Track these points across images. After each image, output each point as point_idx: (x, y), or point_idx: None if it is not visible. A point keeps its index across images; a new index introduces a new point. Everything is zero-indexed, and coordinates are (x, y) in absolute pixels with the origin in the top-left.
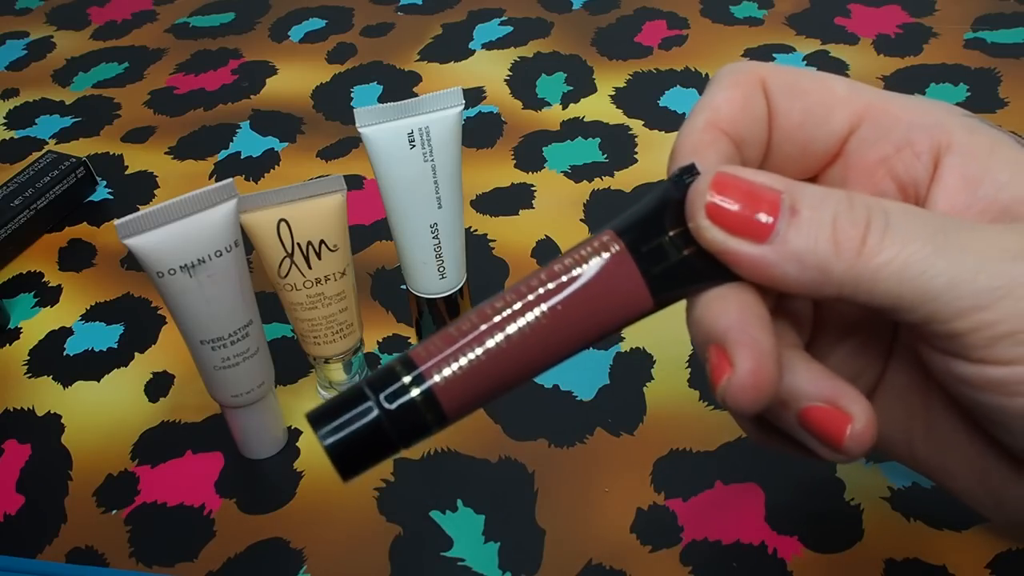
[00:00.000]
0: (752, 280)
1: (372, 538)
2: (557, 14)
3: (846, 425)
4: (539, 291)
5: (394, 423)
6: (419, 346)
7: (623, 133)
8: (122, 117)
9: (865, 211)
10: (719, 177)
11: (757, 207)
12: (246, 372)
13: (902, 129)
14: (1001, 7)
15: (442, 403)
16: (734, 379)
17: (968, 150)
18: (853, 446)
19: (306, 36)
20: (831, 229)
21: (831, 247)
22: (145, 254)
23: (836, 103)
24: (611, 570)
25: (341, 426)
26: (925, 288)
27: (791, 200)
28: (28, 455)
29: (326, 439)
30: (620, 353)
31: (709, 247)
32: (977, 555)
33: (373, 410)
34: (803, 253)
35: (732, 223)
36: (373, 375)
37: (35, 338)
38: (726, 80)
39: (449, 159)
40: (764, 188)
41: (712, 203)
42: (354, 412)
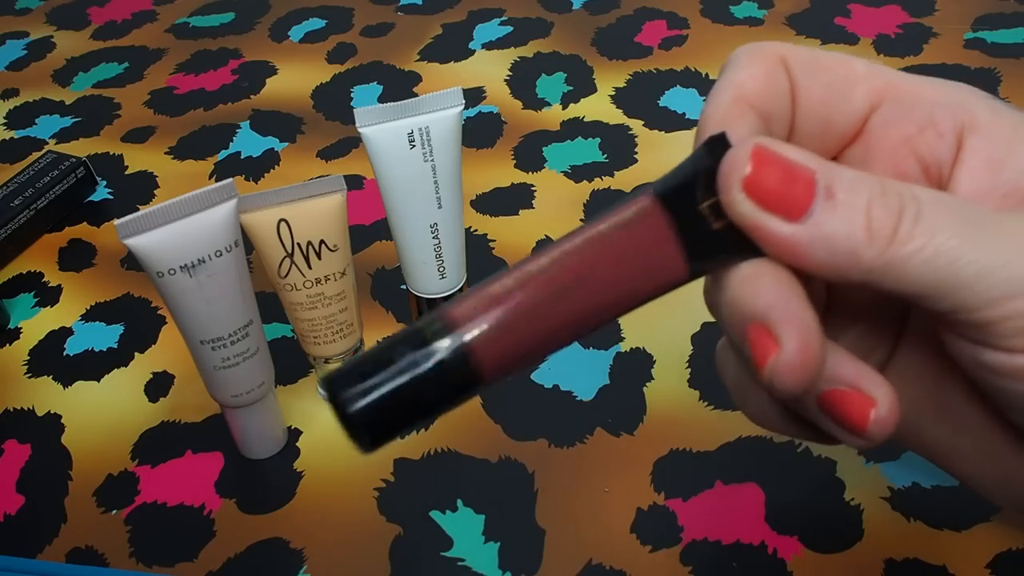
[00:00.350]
0: (778, 258)
1: (372, 538)
2: (557, 14)
3: (870, 409)
4: (577, 253)
5: (430, 385)
6: (453, 304)
7: (623, 133)
8: (122, 117)
9: (898, 198)
10: (759, 149)
11: (794, 185)
12: (246, 372)
13: (925, 108)
14: (1001, 7)
15: (481, 363)
16: (782, 358)
17: (992, 131)
18: (877, 430)
19: (306, 36)
20: (865, 215)
21: (864, 233)
22: (145, 254)
23: (857, 79)
24: (611, 570)
25: (369, 389)
26: (956, 277)
27: (827, 181)
28: (28, 455)
29: (351, 405)
30: (620, 353)
31: (740, 220)
32: (977, 555)
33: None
34: (836, 237)
35: (768, 198)
36: (402, 333)
37: (35, 338)
38: (746, 58)
39: (449, 159)
40: (801, 166)
41: (749, 176)
42: (384, 374)
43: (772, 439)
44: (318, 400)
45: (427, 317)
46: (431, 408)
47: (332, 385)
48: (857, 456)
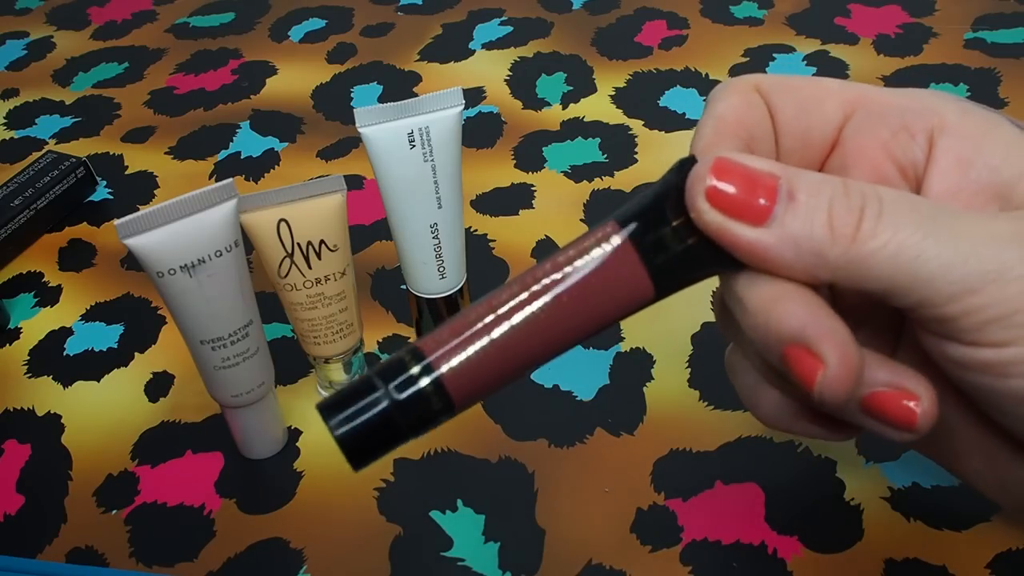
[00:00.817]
0: (750, 264)
1: (372, 538)
2: (557, 14)
3: (915, 405)
4: (544, 282)
5: (404, 413)
6: (427, 336)
7: (623, 133)
8: (122, 117)
9: (860, 197)
10: (718, 162)
11: (755, 191)
12: (246, 372)
13: (896, 114)
14: (1001, 7)
15: (450, 392)
16: (829, 373)
17: (961, 131)
18: (925, 423)
19: (306, 36)
20: (827, 214)
21: (827, 232)
22: (145, 254)
23: (827, 94)
24: (611, 570)
25: (351, 416)
26: (917, 272)
27: (788, 185)
28: (28, 455)
29: (337, 430)
30: (620, 353)
31: (707, 229)
32: (977, 555)
33: (383, 400)
34: (800, 237)
35: (730, 206)
36: (382, 365)
37: (35, 338)
38: (721, 93)
39: (449, 159)
40: (762, 173)
41: (712, 186)
42: (364, 402)
43: (772, 439)
44: (318, 400)
45: (404, 349)
46: (407, 433)
47: (321, 412)
48: (857, 456)
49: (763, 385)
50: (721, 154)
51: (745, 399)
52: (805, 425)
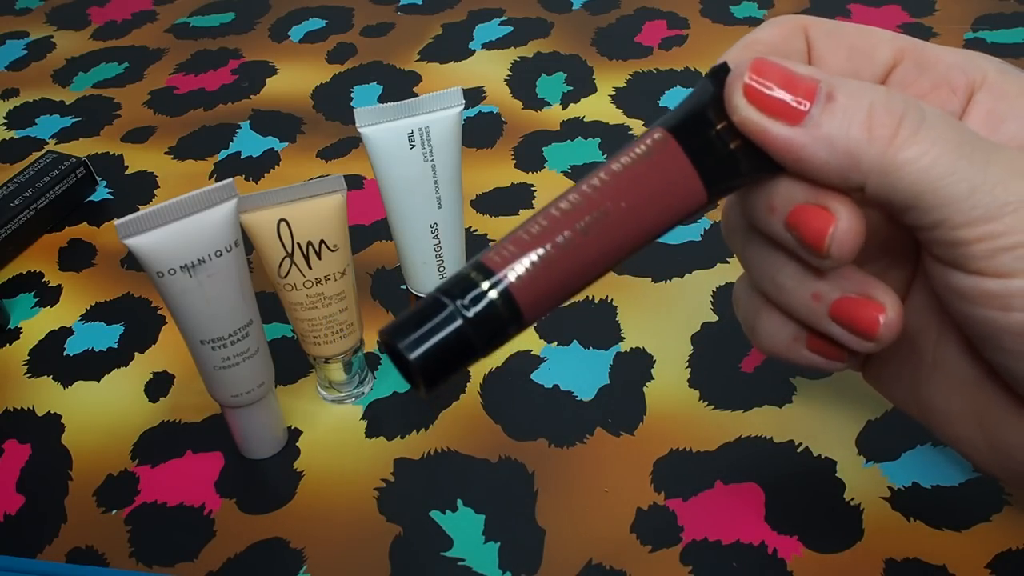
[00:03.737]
0: (785, 164)
1: (372, 538)
2: (557, 14)
3: (879, 314)
4: (600, 188)
5: (477, 329)
6: (491, 251)
7: (623, 133)
8: (122, 117)
9: (902, 104)
10: (757, 61)
11: (793, 90)
12: (246, 372)
13: (941, 68)
14: (1001, 7)
15: (520, 305)
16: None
17: (998, 90)
18: (886, 333)
19: (306, 36)
20: (866, 116)
21: (864, 133)
22: (145, 254)
23: (879, 41)
24: (611, 570)
25: (423, 338)
26: (945, 191)
27: (828, 87)
28: (28, 455)
29: (410, 352)
30: (620, 353)
31: (743, 127)
32: (977, 555)
33: (456, 318)
34: (835, 137)
35: (767, 104)
36: (447, 283)
37: (35, 338)
38: (768, 23)
39: (449, 159)
40: (802, 76)
41: (748, 84)
42: (435, 322)
43: (772, 439)
44: (318, 400)
45: (467, 265)
46: (479, 348)
47: (389, 336)
48: (857, 456)
49: (764, 310)
50: (762, 55)
51: (747, 328)
52: (800, 351)
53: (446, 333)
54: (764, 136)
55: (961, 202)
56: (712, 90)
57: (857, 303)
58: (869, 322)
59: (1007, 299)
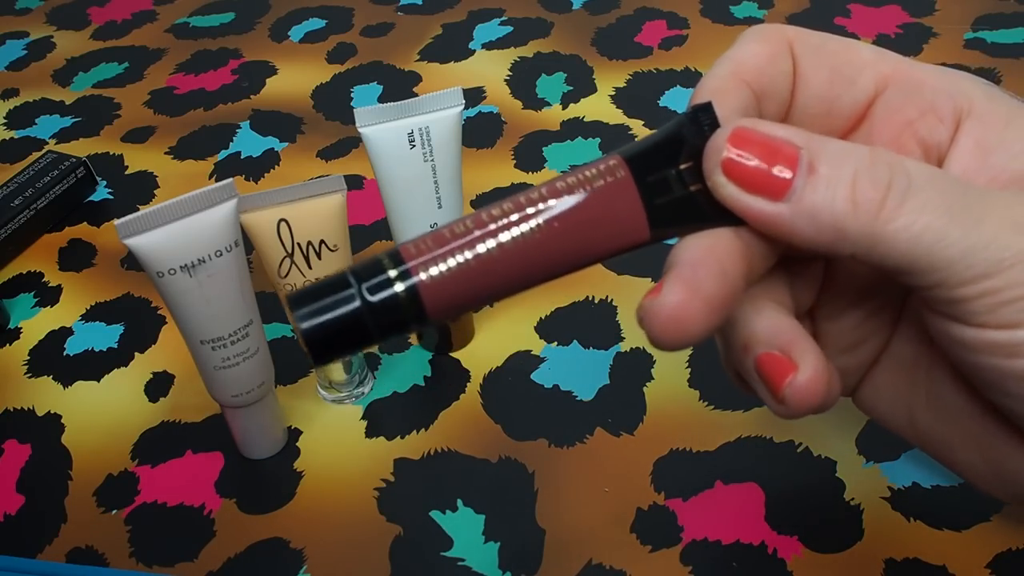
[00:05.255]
0: (766, 234)
1: (372, 538)
2: (557, 14)
3: (789, 374)
4: (538, 205)
5: (374, 315)
6: (409, 242)
7: (623, 133)
8: (122, 117)
9: (887, 170)
10: (737, 131)
11: (774, 163)
12: (246, 372)
13: (927, 94)
14: (1001, 7)
15: (425, 302)
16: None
17: (986, 118)
18: (790, 395)
19: (306, 36)
20: (850, 188)
21: (849, 206)
22: (145, 254)
23: (864, 65)
24: (611, 570)
25: (320, 310)
26: (939, 256)
27: (810, 156)
28: (28, 455)
29: (303, 322)
30: (620, 353)
31: (725, 202)
32: (977, 555)
33: (355, 299)
34: (820, 211)
35: (748, 180)
36: (359, 264)
37: (35, 338)
38: (753, 36)
39: (449, 159)
40: (783, 142)
41: (729, 158)
42: (335, 298)
43: (772, 439)
44: (318, 400)
45: (384, 251)
46: (374, 335)
47: (291, 302)
48: (857, 456)
49: None
50: (742, 123)
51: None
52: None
53: (343, 312)
54: (747, 212)
55: (956, 264)
56: (689, 129)
57: (774, 360)
58: (776, 382)
59: (1013, 347)
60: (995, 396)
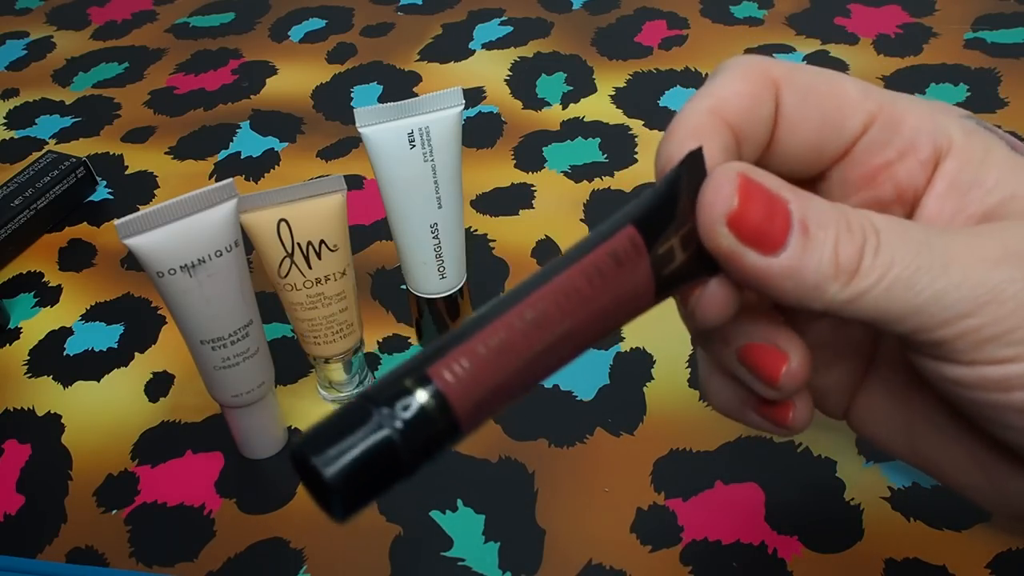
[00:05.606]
0: (745, 285)
1: (372, 538)
2: (557, 14)
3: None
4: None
5: (406, 440)
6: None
7: (623, 133)
8: (122, 117)
9: (861, 232)
10: (744, 181)
11: (774, 218)
12: (246, 372)
13: (907, 134)
14: (1001, 7)
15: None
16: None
17: (964, 155)
18: (787, 382)
19: (306, 36)
20: (833, 252)
21: (832, 269)
22: (145, 254)
23: (851, 108)
24: (611, 570)
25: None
26: (911, 303)
27: (800, 215)
28: (28, 455)
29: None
30: (620, 353)
31: (717, 251)
32: (977, 555)
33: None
34: (806, 271)
35: (749, 234)
36: (373, 388)
37: (35, 338)
38: (737, 72)
39: (449, 159)
40: (780, 200)
41: (736, 211)
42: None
43: (772, 439)
44: (318, 400)
45: (401, 369)
46: (408, 466)
47: (301, 449)
48: (857, 456)
49: (713, 372)
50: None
51: (702, 387)
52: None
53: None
54: (738, 263)
55: (929, 308)
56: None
57: (762, 349)
58: (772, 370)
59: (1006, 382)
60: (994, 429)
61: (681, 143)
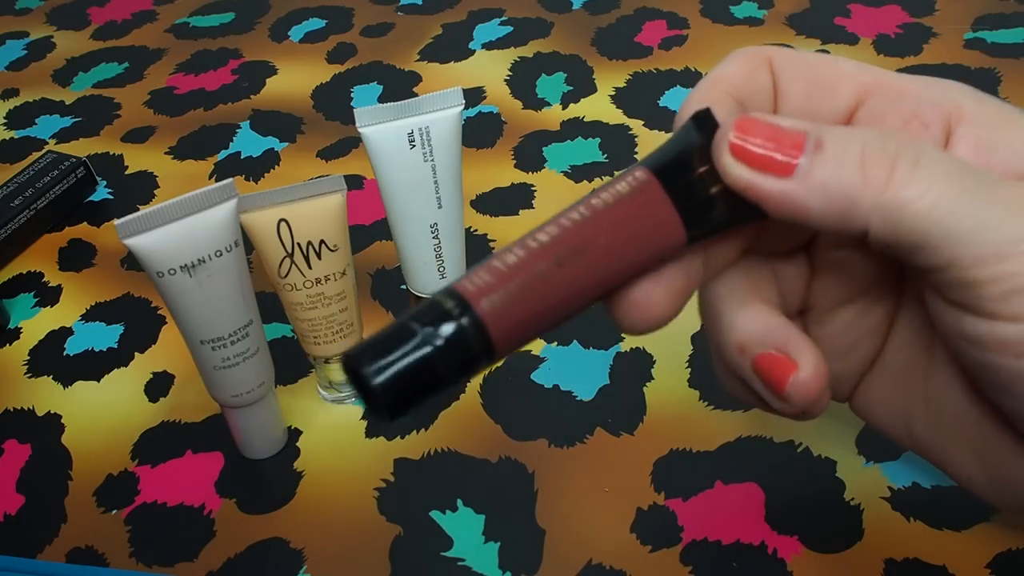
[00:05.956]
0: (780, 216)
1: (372, 538)
2: (557, 14)
3: (791, 372)
4: (580, 223)
5: (444, 358)
6: (464, 279)
7: (623, 133)
8: (122, 117)
9: (895, 144)
10: (742, 120)
11: (780, 143)
12: (246, 372)
13: (910, 102)
14: (1001, 7)
15: (492, 335)
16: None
17: (981, 119)
18: (794, 393)
19: (306, 36)
20: (859, 159)
21: (858, 177)
22: (145, 254)
23: (842, 77)
24: (611, 570)
25: (388, 364)
26: (952, 229)
27: (817, 136)
28: (28, 455)
29: (375, 377)
30: (620, 353)
31: (734, 185)
32: (977, 555)
33: (424, 345)
34: (829, 183)
35: (756, 160)
36: (417, 309)
37: (35, 338)
38: (732, 57)
39: (449, 159)
40: (789, 128)
41: (734, 142)
42: (403, 349)
43: (772, 439)
44: (318, 400)
45: (440, 293)
46: (447, 380)
47: (353, 360)
48: (857, 456)
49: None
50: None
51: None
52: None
53: (413, 360)
54: (757, 192)
55: (969, 238)
56: (696, 135)
57: (773, 359)
58: (780, 381)
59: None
60: (1000, 397)
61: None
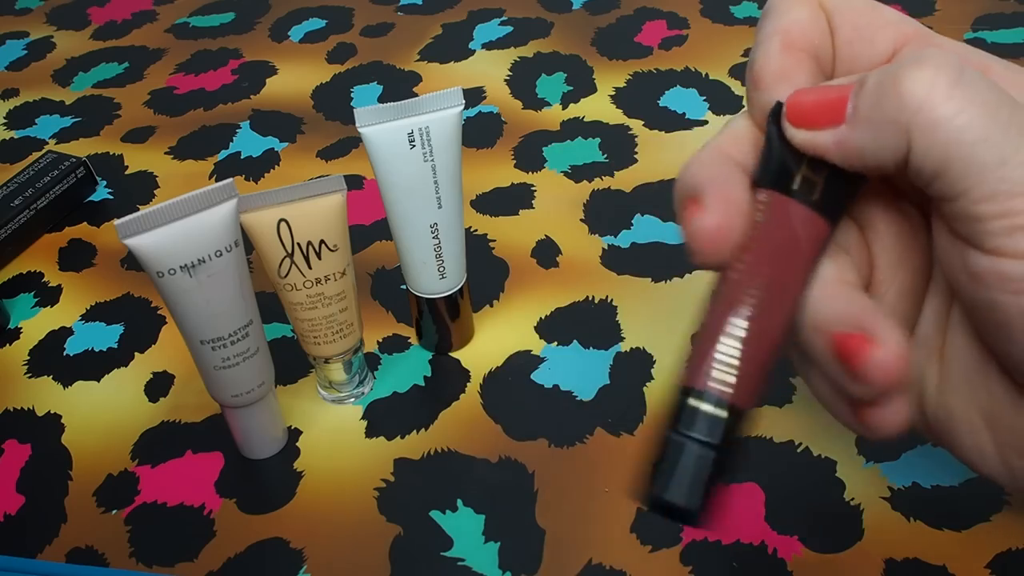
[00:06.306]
0: (845, 164)
1: (372, 538)
2: (557, 14)
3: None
4: (743, 271)
5: (721, 449)
6: (684, 372)
7: (623, 133)
8: (122, 117)
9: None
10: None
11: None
12: (246, 372)
13: None
14: (1001, 7)
15: (741, 404)
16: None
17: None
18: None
19: (306, 36)
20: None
21: (898, 100)
22: (145, 254)
23: (884, 24)
24: (611, 570)
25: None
26: (976, 159)
27: (862, 78)
28: (28, 455)
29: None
30: (620, 353)
31: (802, 147)
32: (977, 555)
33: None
34: (873, 115)
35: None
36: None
37: (35, 338)
38: (783, 4)
39: (449, 159)
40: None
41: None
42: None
43: (772, 439)
44: (318, 400)
45: (678, 396)
46: (732, 463)
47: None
48: (857, 456)
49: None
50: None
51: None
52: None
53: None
54: (821, 149)
55: (989, 172)
56: (775, 129)
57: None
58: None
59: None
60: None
61: (769, 90)
